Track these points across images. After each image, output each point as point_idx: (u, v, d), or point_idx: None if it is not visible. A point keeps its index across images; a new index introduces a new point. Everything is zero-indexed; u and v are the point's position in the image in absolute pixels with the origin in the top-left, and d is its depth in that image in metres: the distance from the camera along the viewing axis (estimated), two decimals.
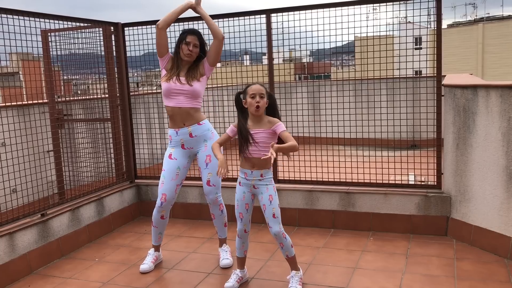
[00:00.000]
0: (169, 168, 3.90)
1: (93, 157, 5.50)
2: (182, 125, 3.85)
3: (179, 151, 3.92)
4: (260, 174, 3.38)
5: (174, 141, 3.91)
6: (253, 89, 3.29)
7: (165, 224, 4.08)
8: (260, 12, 4.93)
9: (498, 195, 3.87)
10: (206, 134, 3.93)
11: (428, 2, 4.39)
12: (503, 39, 35.66)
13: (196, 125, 3.88)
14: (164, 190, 3.90)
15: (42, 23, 4.37)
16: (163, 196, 3.90)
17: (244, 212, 3.49)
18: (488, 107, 3.86)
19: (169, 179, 3.89)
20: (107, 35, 5.23)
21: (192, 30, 3.90)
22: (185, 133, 3.86)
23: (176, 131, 3.87)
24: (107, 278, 3.92)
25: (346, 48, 5.44)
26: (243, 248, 3.61)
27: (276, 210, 3.38)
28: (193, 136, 3.88)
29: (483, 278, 3.56)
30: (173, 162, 3.90)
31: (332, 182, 4.90)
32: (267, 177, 3.41)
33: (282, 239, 3.40)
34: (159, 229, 4.08)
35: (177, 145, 3.92)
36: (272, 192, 3.40)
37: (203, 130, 3.91)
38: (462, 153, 4.17)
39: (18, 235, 4.01)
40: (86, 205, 4.79)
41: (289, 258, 3.50)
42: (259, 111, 3.30)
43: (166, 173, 3.90)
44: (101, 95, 5.66)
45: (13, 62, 4.76)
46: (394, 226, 4.60)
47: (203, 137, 3.91)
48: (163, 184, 3.91)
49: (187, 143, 3.90)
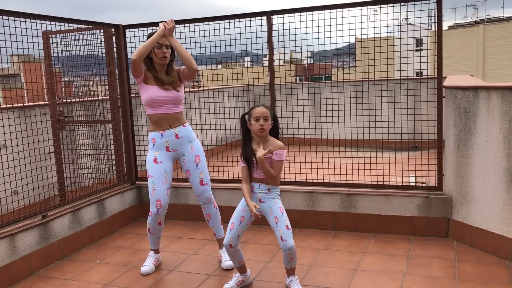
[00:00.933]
0: (157, 172, 3.83)
1: (94, 159, 5.50)
2: (167, 127, 3.83)
3: (164, 154, 3.86)
4: (268, 188, 3.40)
5: (158, 144, 3.84)
6: (257, 112, 3.33)
7: (162, 229, 4.07)
8: (261, 14, 4.94)
9: (499, 196, 3.87)
10: (190, 135, 3.94)
11: (428, 4, 4.39)
12: (504, 41, 35.65)
13: (181, 126, 3.89)
14: (157, 196, 3.84)
15: (43, 25, 4.38)
16: (158, 203, 3.84)
17: (236, 224, 3.45)
18: (489, 108, 3.86)
19: (159, 184, 3.83)
20: (108, 36, 5.24)
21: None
22: (171, 135, 3.84)
23: (161, 133, 3.83)
24: (108, 279, 3.92)
25: (346, 49, 5.45)
26: (236, 260, 3.55)
27: (288, 222, 3.35)
28: (179, 137, 3.86)
29: (484, 280, 3.56)
30: (159, 166, 3.84)
31: (333, 183, 4.90)
32: (274, 192, 3.41)
33: (294, 253, 3.36)
34: (156, 235, 4.07)
35: (161, 147, 3.85)
36: (281, 205, 3.40)
37: (188, 132, 3.93)
38: (463, 154, 4.17)
39: (19, 236, 4.01)
40: (87, 207, 4.79)
41: (292, 268, 3.48)
42: (263, 133, 3.34)
43: (155, 179, 3.83)
44: (102, 96, 5.67)
45: (14, 63, 4.77)
46: (395, 228, 4.60)
47: (188, 138, 3.91)
48: (155, 191, 3.83)
49: (172, 145, 3.86)
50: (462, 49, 36.36)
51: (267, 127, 3.32)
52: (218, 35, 5.06)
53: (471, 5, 43.39)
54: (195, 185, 3.96)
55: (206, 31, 5.07)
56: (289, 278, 3.50)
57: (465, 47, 36.60)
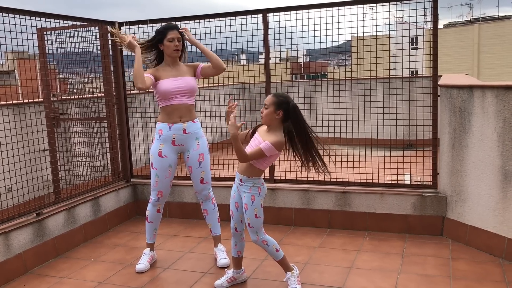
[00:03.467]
0: (161, 166, 3.88)
1: (89, 156, 5.49)
2: (178, 120, 3.83)
3: (169, 147, 3.87)
4: (240, 178, 3.39)
5: (165, 136, 3.84)
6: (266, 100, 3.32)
7: (159, 219, 4.11)
8: (257, 12, 4.93)
9: (494, 195, 3.88)
10: (198, 132, 3.94)
11: (424, 2, 4.40)
12: (499, 39, 35.76)
13: (191, 122, 3.89)
14: (159, 187, 3.93)
15: (38, 22, 4.35)
16: (159, 193, 3.96)
17: (234, 210, 3.51)
18: (483, 107, 3.88)
19: (162, 177, 3.91)
20: (103, 34, 5.21)
21: (169, 26, 3.84)
22: (179, 129, 3.84)
23: (170, 126, 3.82)
24: (103, 277, 3.91)
25: (342, 48, 5.45)
26: (236, 248, 3.60)
27: (251, 220, 3.36)
28: (187, 133, 3.86)
29: (478, 278, 3.58)
30: (164, 160, 3.87)
31: (329, 181, 4.90)
32: (245, 184, 3.37)
33: (264, 246, 3.42)
34: (154, 224, 4.10)
35: (167, 141, 3.85)
36: (247, 201, 3.36)
37: (196, 128, 3.92)
38: (458, 153, 4.18)
39: (13, 234, 3.99)
40: (81, 205, 4.78)
41: (277, 261, 3.49)
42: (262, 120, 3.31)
43: (159, 172, 3.89)
44: (97, 94, 5.65)
45: (8, 60, 4.74)
46: (390, 226, 4.61)
47: (195, 134, 3.91)
48: (158, 183, 3.92)
49: (178, 140, 3.86)
50: (457, 47, 36.45)
51: (266, 114, 3.27)
52: (214, 33, 5.05)
53: (466, 4, 43.48)
54: (196, 182, 4.00)
55: (202, 29, 5.07)
56: (287, 275, 3.51)
57: (460, 45, 36.68)
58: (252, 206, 3.35)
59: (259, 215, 3.37)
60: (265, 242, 3.41)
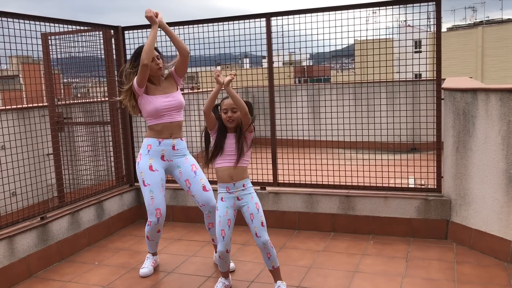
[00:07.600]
0: (154, 181, 3.78)
1: (92, 160, 5.50)
2: (168, 136, 3.80)
3: (159, 162, 3.81)
4: (243, 184, 3.39)
5: (154, 151, 3.79)
6: (225, 104, 3.36)
7: (160, 235, 4.06)
8: (260, 16, 4.94)
9: (498, 198, 3.87)
10: (185, 150, 3.94)
11: (427, 6, 4.39)
12: (503, 43, 35.71)
13: (179, 139, 3.88)
14: (157, 205, 3.79)
15: (42, 27, 4.38)
16: (158, 211, 3.80)
17: (226, 229, 3.39)
18: (487, 110, 3.86)
19: (157, 192, 3.79)
20: (107, 38, 5.24)
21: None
22: (168, 144, 3.81)
23: (159, 141, 3.78)
24: (107, 281, 3.91)
25: (345, 51, 5.46)
26: (227, 264, 3.56)
27: (263, 218, 3.39)
28: (175, 149, 3.84)
29: (483, 282, 3.56)
30: (156, 174, 3.79)
31: (332, 185, 4.90)
32: (248, 186, 3.42)
33: (270, 248, 3.38)
34: (155, 241, 4.06)
35: (157, 155, 3.80)
36: (257, 200, 3.43)
37: (183, 146, 3.93)
38: (462, 156, 4.17)
39: (17, 238, 4.00)
40: (85, 209, 4.78)
41: (274, 269, 3.45)
42: (232, 124, 3.37)
43: (153, 187, 3.77)
44: (101, 98, 5.67)
45: (13, 65, 4.77)
46: (394, 230, 4.59)
47: (183, 151, 3.91)
48: (154, 199, 3.78)
49: (167, 155, 3.83)
50: (461, 51, 36.42)
51: (235, 118, 3.33)
52: (218, 37, 5.06)
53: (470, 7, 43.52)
54: (199, 193, 3.86)
55: (205, 33, 5.08)
56: (277, 284, 3.47)
57: (464, 49, 36.65)
58: (260, 205, 3.43)
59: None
60: (271, 244, 3.40)
